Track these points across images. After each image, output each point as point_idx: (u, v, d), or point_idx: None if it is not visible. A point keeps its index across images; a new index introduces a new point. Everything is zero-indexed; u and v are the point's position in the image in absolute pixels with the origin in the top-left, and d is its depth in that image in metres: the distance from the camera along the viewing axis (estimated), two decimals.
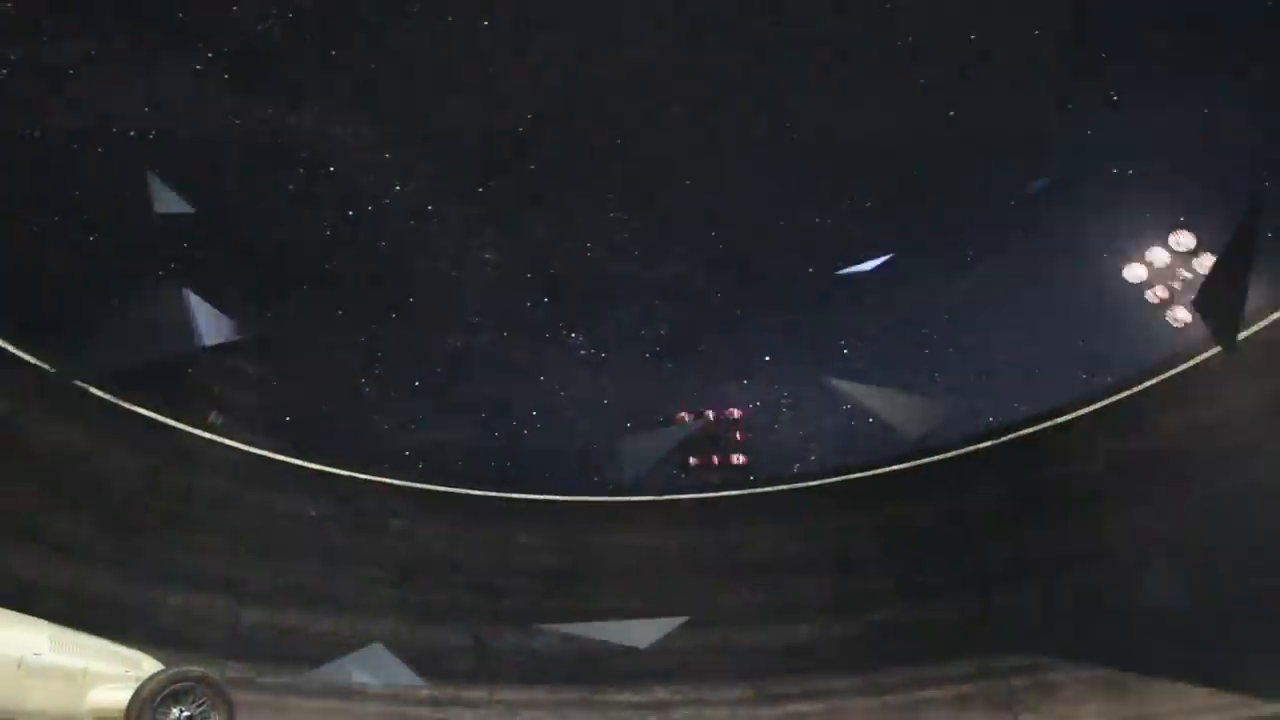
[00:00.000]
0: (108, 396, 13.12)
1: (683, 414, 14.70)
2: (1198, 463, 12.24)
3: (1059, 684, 13.16)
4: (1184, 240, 13.53)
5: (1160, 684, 12.42)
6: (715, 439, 14.64)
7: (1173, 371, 12.85)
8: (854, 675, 14.35)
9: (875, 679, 14.26)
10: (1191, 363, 12.61)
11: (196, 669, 8.71)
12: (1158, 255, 13.58)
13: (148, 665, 8.72)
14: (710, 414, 14.75)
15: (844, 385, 14.53)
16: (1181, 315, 13.35)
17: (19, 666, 7.83)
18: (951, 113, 13.14)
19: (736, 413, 14.79)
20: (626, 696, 14.86)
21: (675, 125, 12.98)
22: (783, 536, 15.16)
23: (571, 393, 14.50)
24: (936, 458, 14.29)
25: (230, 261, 13.04)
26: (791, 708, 14.49)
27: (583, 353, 14.30)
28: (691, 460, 14.77)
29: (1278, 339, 11.96)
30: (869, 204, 13.09)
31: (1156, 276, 13.64)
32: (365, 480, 14.89)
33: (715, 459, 14.68)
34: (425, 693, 14.70)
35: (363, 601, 14.80)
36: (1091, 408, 13.52)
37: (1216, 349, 12.11)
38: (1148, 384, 13.10)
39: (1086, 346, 12.96)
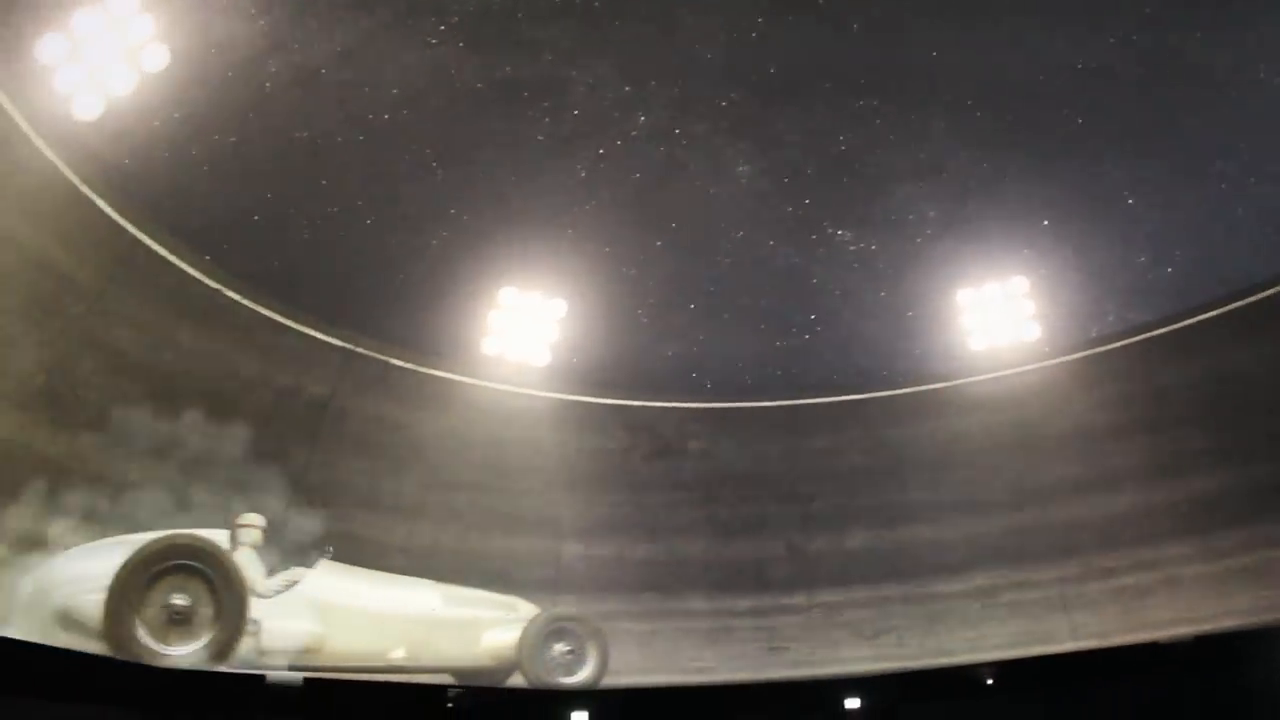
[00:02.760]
0: (409, 365, 14.43)
1: (964, 293, 14.69)
2: None
3: None
4: None
5: None
6: (1003, 314, 14.61)
7: None
8: (1187, 541, 14.11)
9: (1211, 543, 13.95)
10: None
11: (572, 609, 11.13)
12: None
13: (523, 608, 11.03)
14: (993, 289, 14.67)
15: (1135, 237, 14.14)
16: None
17: (424, 621, 10.11)
18: None
19: (1021, 284, 14.63)
20: (948, 587, 15.33)
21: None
22: (1089, 404, 15.01)
23: (847, 289, 14.88)
24: (1251, 299, 13.66)
25: (492, 218, 13.93)
26: (1123, 580, 14.55)
27: (852, 248, 14.55)
28: (981, 339, 14.79)
29: None
30: (1135, 37, 12.52)
31: None
32: (659, 407, 15.84)
33: (1006, 334, 14.66)
34: (746, 604, 15.53)
35: (674, 524, 15.86)
36: None
37: None
38: None
39: None
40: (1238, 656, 9.13)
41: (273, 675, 8.15)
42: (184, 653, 7.87)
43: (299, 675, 8.35)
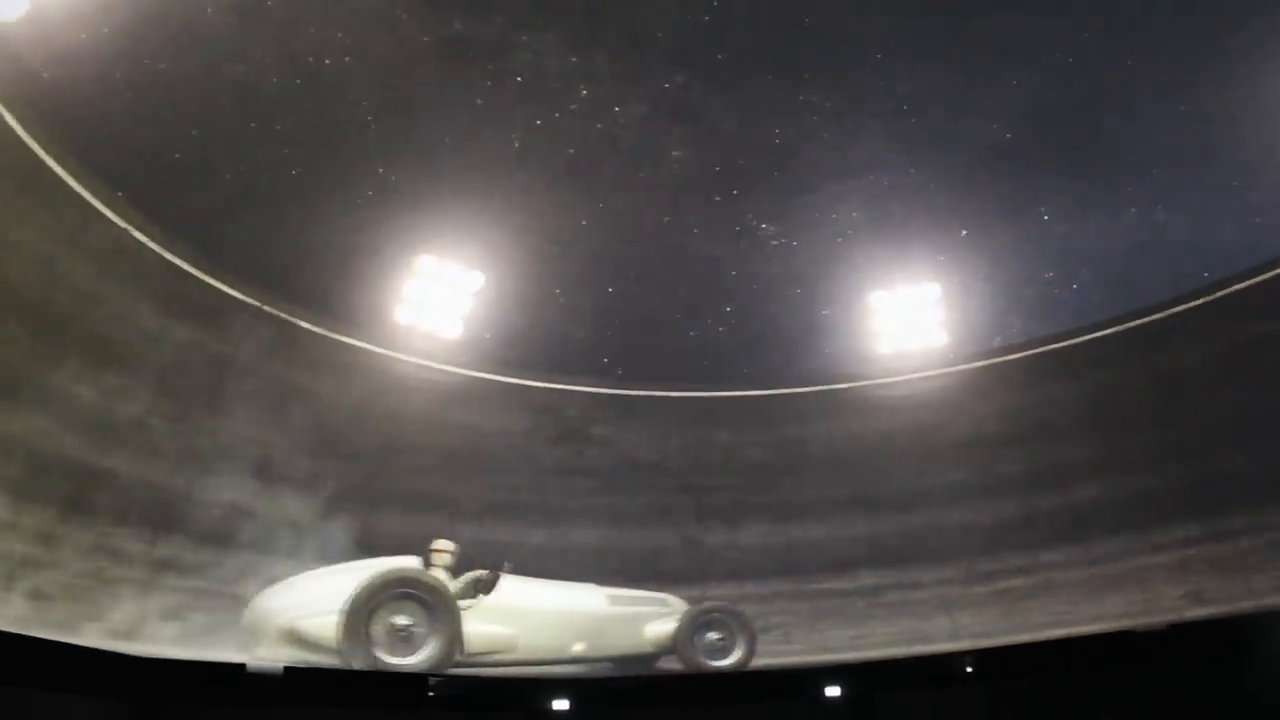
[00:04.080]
0: (319, 329, 13.56)
1: (877, 295, 14.92)
2: None
3: None
4: None
5: None
6: (913, 318, 14.90)
7: None
8: (1066, 548, 14.71)
9: (1089, 550, 14.60)
10: None
11: (721, 603, 12.07)
12: None
13: (674, 602, 12.23)
14: (906, 293, 14.95)
15: (1046, 253, 14.67)
16: None
17: (596, 618, 11.42)
18: None
19: (934, 290, 14.96)
20: (836, 584, 15.48)
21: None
22: (984, 412, 15.48)
23: (764, 284, 14.93)
24: (1145, 320, 14.34)
25: (420, 182, 13.29)
26: (1003, 584, 15.04)
27: (774, 243, 14.61)
28: (889, 342, 15.05)
29: None
30: (1071, 60, 13.06)
31: None
32: (566, 390, 15.44)
33: (913, 339, 14.95)
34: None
35: (572, 511, 15.52)
36: None
37: None
38: None
39: None
40: (1213, 644, 9.43)
41: (253, 664, 8.24)
42: (411, 663, 9.24)
43: (279, 664, 8.45)
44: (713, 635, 11.67)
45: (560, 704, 9.20)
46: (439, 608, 9.57)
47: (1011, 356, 15.37)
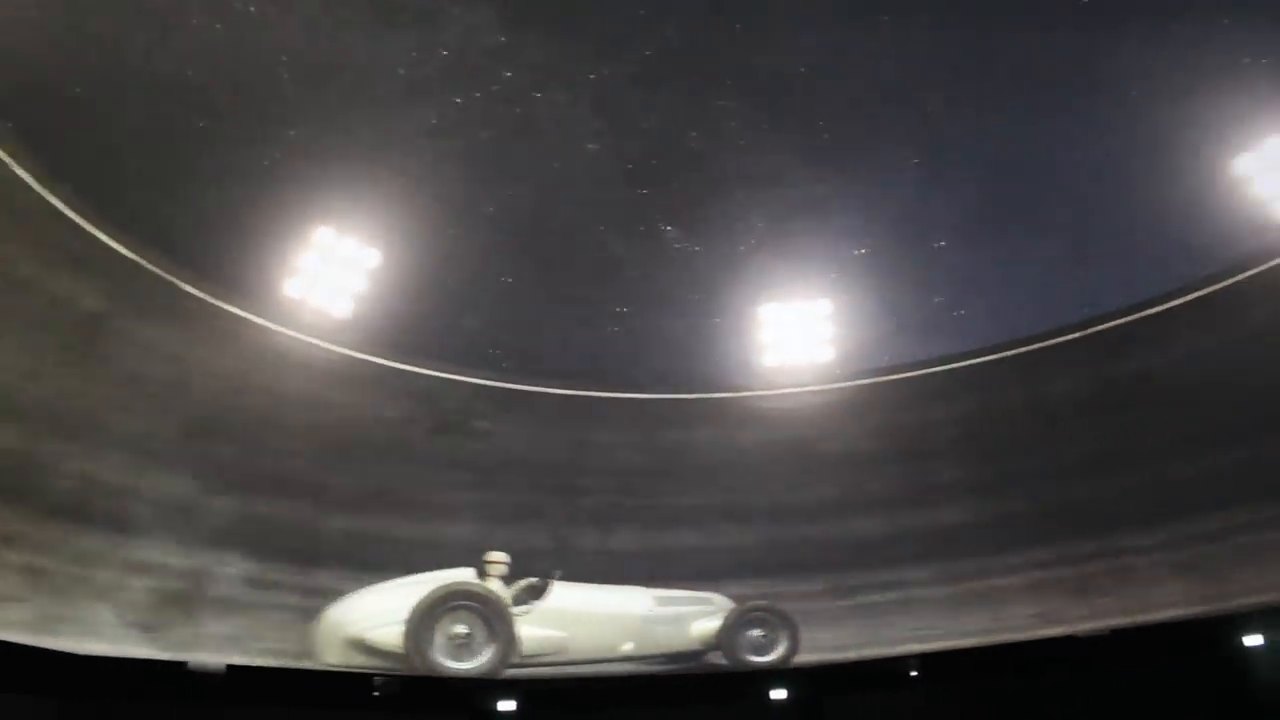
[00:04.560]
0: (203, 295, 12.63)
1: (770, 307, 15.03)
2: None
3: (1134, 567, 14.02)
4: None
5: (1237, 565, 13.10)
6: (802, 333, 15.08)
7: (1267, 265, 13.29)
8: (927, 566, 15.22)
9: (948, 569, 15.17)
10: None
11: (765, 602, 12.38)
12: (1274, 146, 13.85)
13: (719, 600, 12.87)
14: (799, 307, 15.11)
15: (937, 278, 15.10)
16: None
17: (644, 619, 12.14)
18: None
19: (825, 306, 15.18)
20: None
21: (795, 10, 13.07)
22: (861, 430, 15.80)
23: (662, 288, 14.78)
24: (1024, 349, 14.94)
25: (328, 149, 12.56)
26: (864, 599, 15.36)
27: (676, 246, 14.52)
28: (776, 354, 15.18)
29: None
30: (978, 96, 13.63)
31: (1269, 169, 13.94)
32: (448, 380, 14.88)
33: (800, 353, 15.13)
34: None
35: (443, 504, 15.02)
36: (1179, 301, 13.95)
37: None
38: (1239, 278, 13.50)
39: (1187, 237, 13.66)
40: (1151, 649, 9.84)
41: (194, 662, 8.63)
42: (471, 668, 10.16)
43: (221, 662, 8.84)
44: (756, 632, 12.16)
45: (506, 705, 9.63)
46: (494, 616, 10.48)
47: (893, 377, 15.69)
